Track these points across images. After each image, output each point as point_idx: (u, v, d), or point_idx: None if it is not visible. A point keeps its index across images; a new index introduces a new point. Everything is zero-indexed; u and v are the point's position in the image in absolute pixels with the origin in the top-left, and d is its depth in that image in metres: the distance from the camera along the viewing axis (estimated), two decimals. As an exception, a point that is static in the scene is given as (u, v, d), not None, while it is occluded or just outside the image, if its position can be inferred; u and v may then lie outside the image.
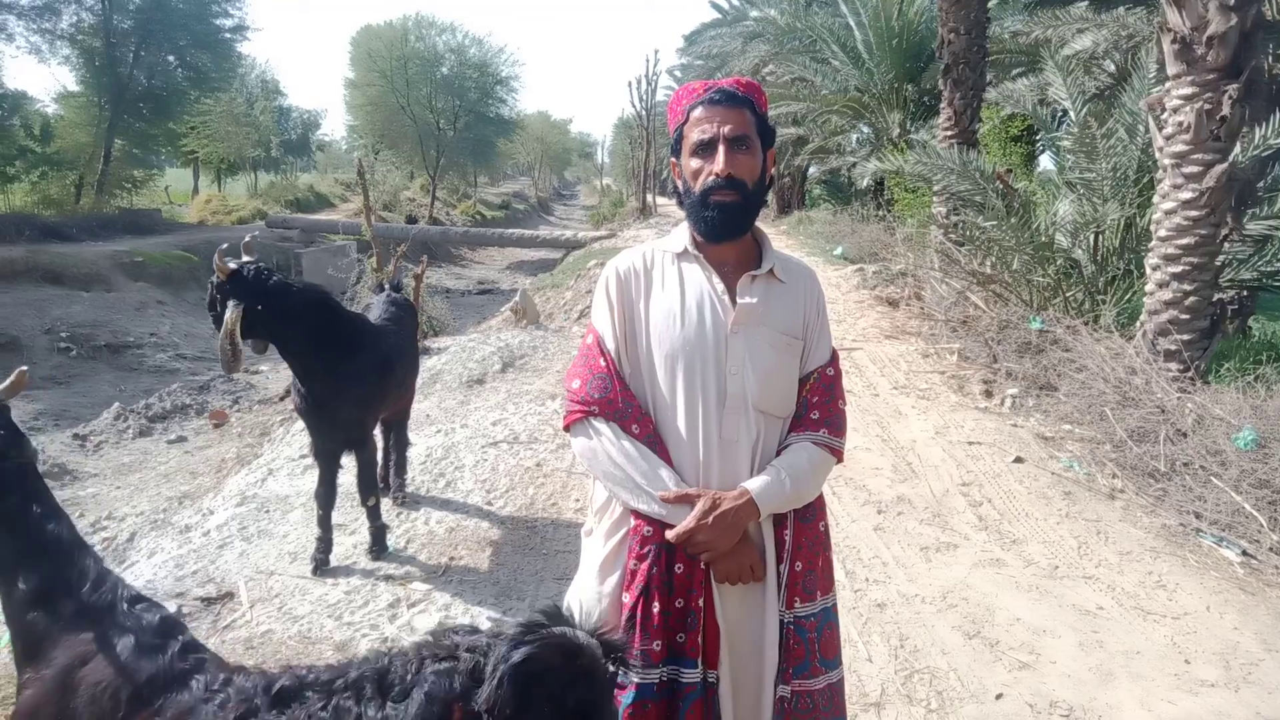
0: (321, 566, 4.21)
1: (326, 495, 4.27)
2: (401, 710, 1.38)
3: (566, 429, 1.86)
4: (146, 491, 7.24)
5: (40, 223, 18.72)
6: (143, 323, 15.13)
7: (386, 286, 5.28)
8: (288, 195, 30.22)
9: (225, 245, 3.89)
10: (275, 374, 10.96)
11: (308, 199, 31.08)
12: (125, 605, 1.79)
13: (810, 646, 1.80)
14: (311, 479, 5.53)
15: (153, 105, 23.84)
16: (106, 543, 5.62)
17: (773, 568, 1.78)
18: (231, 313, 3.67)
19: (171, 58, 24.24)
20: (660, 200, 33.80)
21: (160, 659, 1.71)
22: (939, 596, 3.87)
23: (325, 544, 4.28)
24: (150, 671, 1.70)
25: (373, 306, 4.92)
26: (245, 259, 3.87)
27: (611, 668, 1.35)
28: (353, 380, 4.12)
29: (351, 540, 4.53)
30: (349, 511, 4.92)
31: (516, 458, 5.75)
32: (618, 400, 1.79)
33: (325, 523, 4.27)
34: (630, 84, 30.50)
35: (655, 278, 1.86)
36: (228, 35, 25.22)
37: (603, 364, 1.82)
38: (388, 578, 4.12)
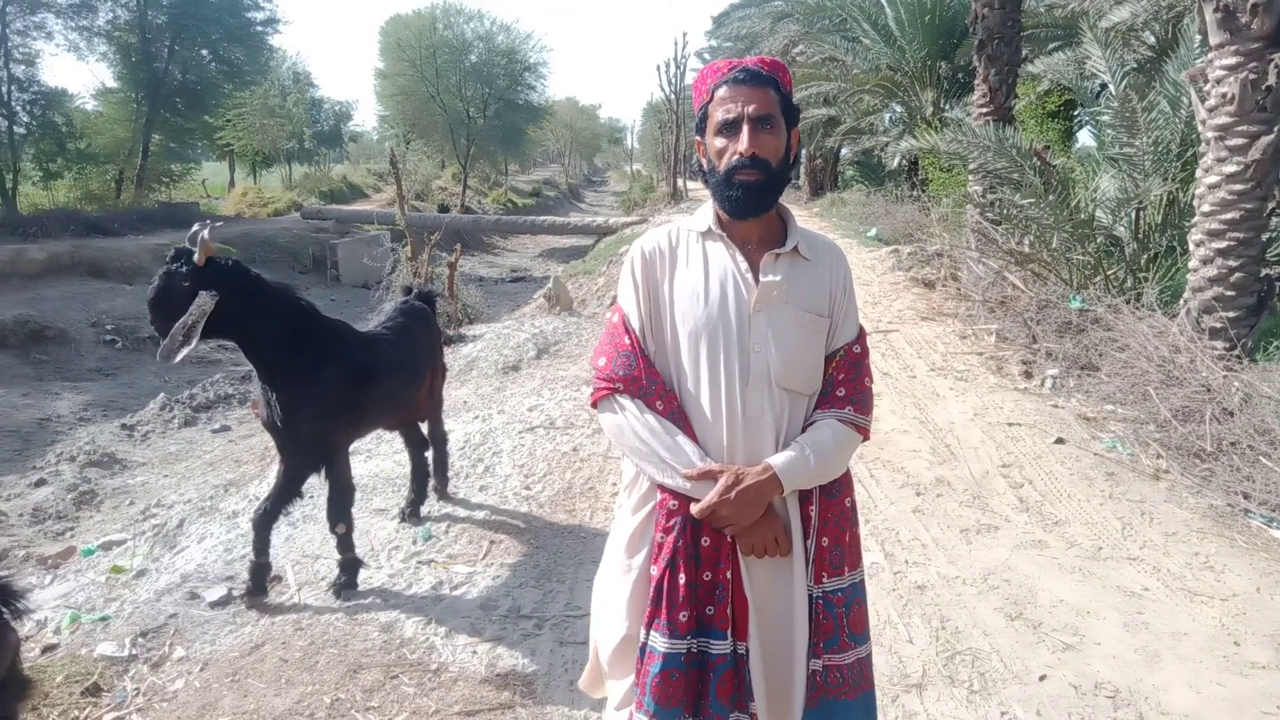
0: (255, 596, 3.80)
1: (267, 514, 3.85)
2: None
3: (594, 405, 1.90)
4: (193, 479, 7.40)
5: (83, 218, 19.10)
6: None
7: (413, 289, 4.97)
8: (321, 186, 30.55)
9: (205, 224, 3.57)
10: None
11: (341, 190, 31.39)
12: None
13: (839, 621, 1.83)
14: (355, 466, 5.63)
15: (188, 100, 24.17)
16: (157, 529, 5.75)
17: (799, 543, 1.80)
18: (205, 302, 3.40)
19: (205, 52, 24.55)
20: (691, 184, 33.68)
21: None
22: (980, 578, 3.85)
23: (260, 570, 3.85)
24: None
25: (382, 311, 4.71)
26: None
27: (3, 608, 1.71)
28: (317, 392, 3.74)
29: (394, 525, 4.60)
30: (390, 496, 5.00)
31: (553, 442, 5.79)
32: (642, 377, 1.81)
33: (263, 547, 3.86)
34: (659, 67, 30.37)
35: (680, 256, 1.87)
36: (259, 28, 25.49)
37: (627, 342, 1.85)
38: (430, 561, 4.19)
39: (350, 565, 3.97)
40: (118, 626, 3.71)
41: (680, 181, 30.98)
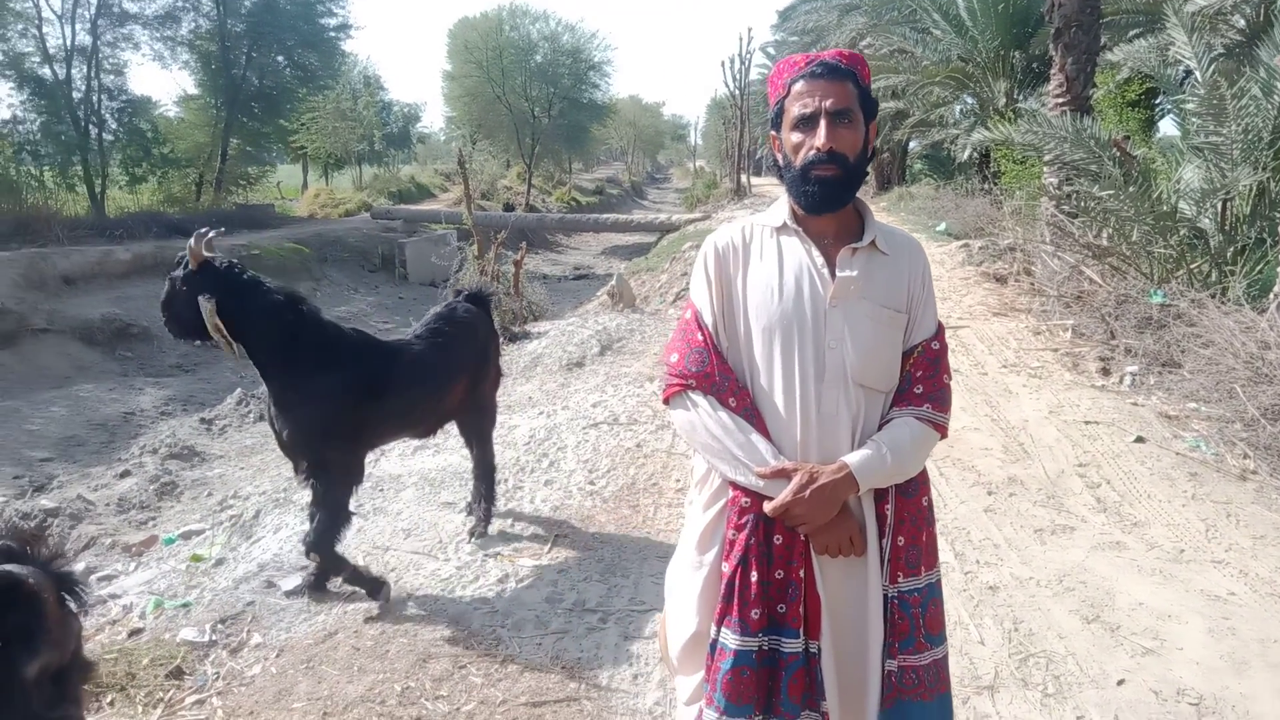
0: (315, 590, 3.84)
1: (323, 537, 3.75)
2: None
3: (666, 402, 1.89)
4: (268, 472, 7.62)
5: (165, 219, 19.81)
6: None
7: (463, 290, 4.72)
8: (390, 187, 31.15)
9: (206, 230, 3.60)
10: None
11: (409, 190, 31.97)
12: None
13: (915, 622, 1.79)
14: (422, 460, 5.75)
15: (264, 104, 24.91)
16: (234, 519, 5.93)
17: (874, 542, 1.77)
18: (207, 306, 3.48)
19: (280, 58, 25.25)
20: (755, 180, 33.45)
21: None
22: (1055, 579, 3.74)
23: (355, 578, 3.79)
24: None
25: (426, 316, 4.45)
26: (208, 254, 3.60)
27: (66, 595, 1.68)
28: (308, 403, 3.63)
29: (460, 518, 4.67)
30: (458, 490, 5.07)
31: (617, 438, 5.81)
32: (714, 374, 1.80)
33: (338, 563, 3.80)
34: (723, 63, 30.26)
35: (754, 252, 1.86)
36: (332, 34, 26.10)
37: (700, 338, 1.83)
38: (496, 554, 4.24)
39: (316, 582, 3.83)
40: (198, 613, 3.85)
41: (744, 178, 30.79)
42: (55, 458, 9.49)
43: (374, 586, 3.73)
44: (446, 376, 4.13)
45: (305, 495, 4.13)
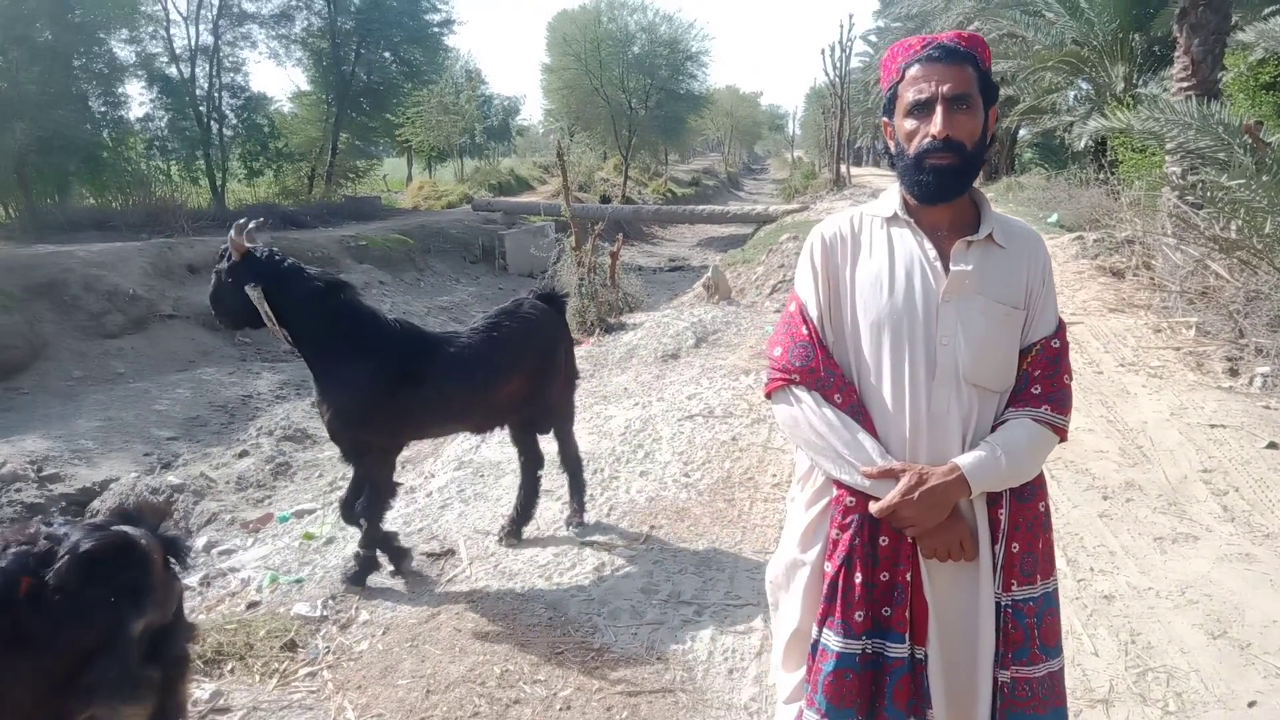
0: (354, 583, 3.93)
1: (351, 499, 3.99)
2: None
3: (768, 396, 1.86)
4: (374, 455, 7.90)
5: (280, 211, 20.71)
6: (366, 300, 16.43)
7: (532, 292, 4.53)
8: (491, 179, 31.77)
9: (245, 221, 3.72)
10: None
11: (509, 182, 32.54)
12: None
13: (1029, 632, 1.72)
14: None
15: (372, 99, 25.74)
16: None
17: (987, 548, 1.71)
18: (255, 293, 3.58)
19: (387, 54, 26.02)
20: (855, 170, 32.77)
21: None
22: (1176, 591, 3.55)
23: (367, 562, 3.96)
24: None
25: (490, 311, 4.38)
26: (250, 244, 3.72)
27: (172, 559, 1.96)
28: (345, 388, 3.72)
29: (558, 505, 4.74)
30: (555, 478, 5.14)
31: (712, 431, 5.79)
32: (819, 369, 1.76)
33: (370, 542, 3.97)
34: (823, 51, 29.70)
35: (863, 243, 1.80)
36: (436, 29, 26.76)
37: (804, 332, 1.79)
38: (592, 544, 4.28)
39: (364, 562, 3.93)
40: (310, 589, 4.02)
41: (843, 168, 30.19)
42: (180, 436, 10.07)
43: (399, 556, 3.99)
44: (494, 373, 3.99)
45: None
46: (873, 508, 1.69)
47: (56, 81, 17.88)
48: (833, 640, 1.71)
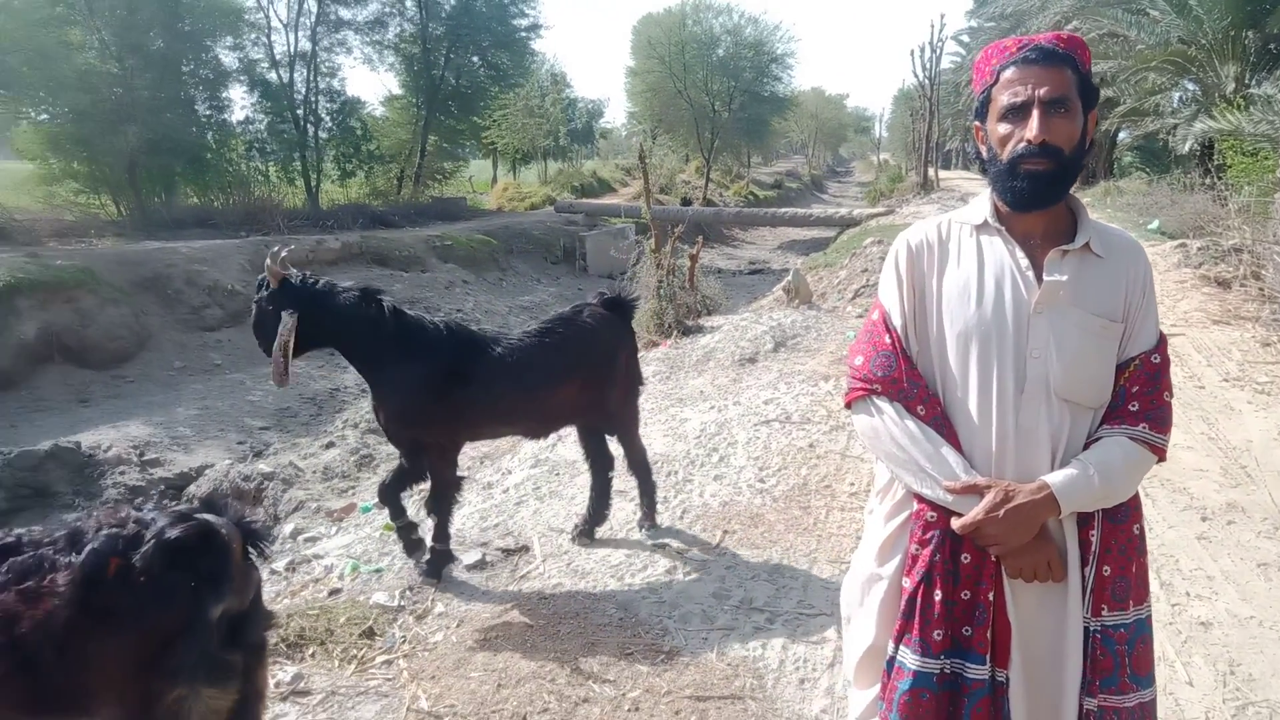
0: (414, 550, 4.11)
1: (392, 483, 4.11)
2: (76, 559, 1.95)
3: (848, 406, 1.82)
4: (454, 450, 8.06)
5: (370, 211, 21.39)
6: (450, 300, 16.84)
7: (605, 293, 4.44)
8: (573, 181, 32.12)
9: (278, 248, 3.84)
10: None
11: (591, 184, 32.84)
12: None
13: (1119, 659, 1.64)
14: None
15: (460, 103, 26.33)
16: (422, 493, 6.31)
17: (1076, 570, 1.64)
18: (287, 322, 3.65)
19: (476, 58, 26.60)
20: (943, 174, 32.02)
21: None
22: (1281, 621, 3.35)
23: (405, 529, 4.13)
24: None
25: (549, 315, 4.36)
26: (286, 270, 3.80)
27: (251, 549, 2.04)
28: (391, 390, 3.84)
29: (631, 506, 4.75)
30: (627, 479, 5.15)
31: (789, 437, 5.72)
32: (902, 379, 1.71)
33: (397, 513, 4.15)
34: (913, 52, 29.12)
35: (950, 251, 1.74)
36: (523, 34, 27.25)
37: (887, 341, 1.75)
38: (664, 546, 4.28)
39: (437, 555, 4.03)
40: (389, 579, 4.12)
41: (931, 171, 29.51)
42: (271, 427, 10.48)
43: (414, 547, 4.12)
44: (545, 377, 3.97)
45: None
46: (955, 524, 1.64)
47: (166, 87, 18.84)
48: (909, 658, 1.66)
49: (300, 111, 22.13)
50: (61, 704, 2.15)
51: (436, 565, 4.04)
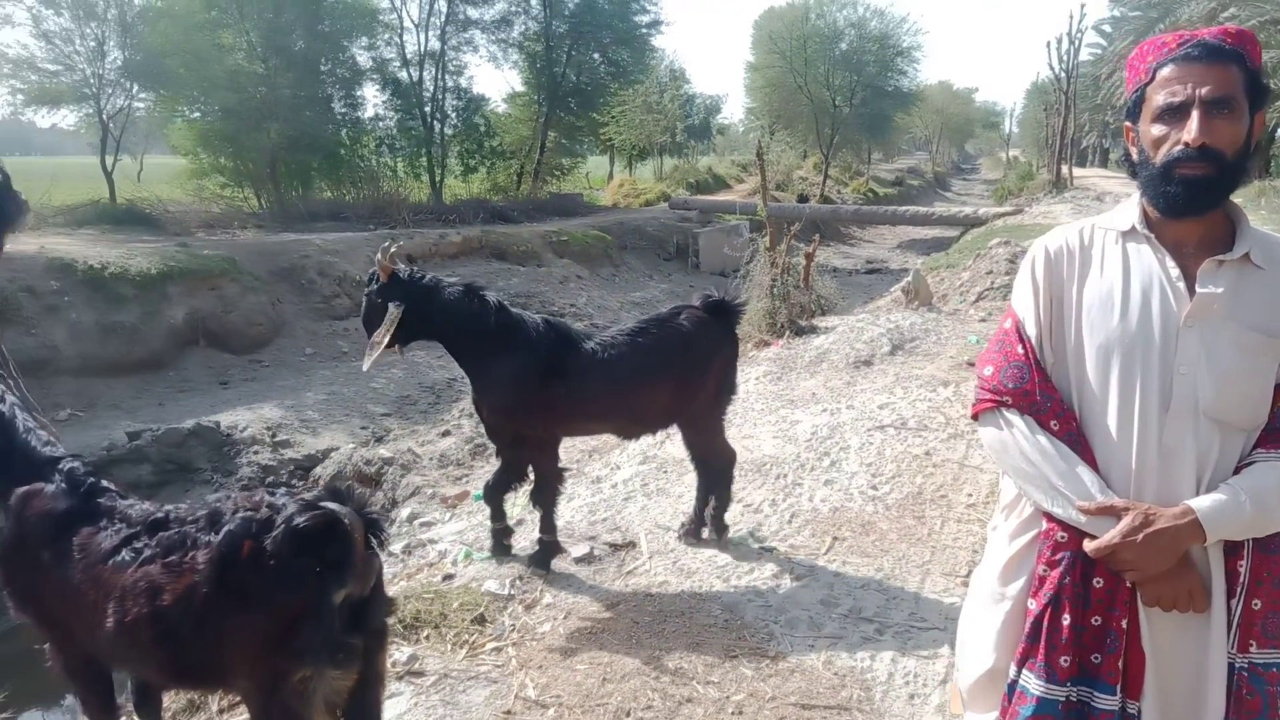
0: (500, 554, 4.27)
1: (495, 485, 4.26)
2: (214, 538, 2.11)
3: (974, 418, 1.75)
4: (562, 443, 8.20)
5: (490, 207, 21.97)
6: (565, 295, 17.13)
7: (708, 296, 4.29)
8: (689, 177, 32.11)
9: (388, 244, 3.99)
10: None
11: (706, 181, 32.75)
12: (49, 465, 2.50)
13: (1270, 701, 1.52)
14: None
15: (580, 99, 26.68)
16: (524, 491, 6.44)
17: (1220, 601, 1.53)
18: (392, 314, 3.78)
19: (596, 55, 26.89)
20: (1078, 171, 30.46)
21: (74, 498, 2.41)
22: None
23: (499, 533, 4.32)
24: (67, 506, 2.40)
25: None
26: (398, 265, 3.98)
27: (372, 538, 2.14)
28: (492, 385, 3.96)
29: (738, 509, 4.72)
30: (739, 480, 5.12)
31: (904, 444, 5.57)
32: (1035, 392, 1.63)
33: (497, 515, 4.33)
34: (1049, 44, 27.74)
35: (1093, 258, 1.65)
36: (644, 30, 27.36)
37: (1020, 351, 1.67)
38: (771, 549, 4.23)
39: (545, 546, 4.13)
40: (500, 567, 4.23)
41: (1065, 169, 28.13)
42: (392, 413, 10.91)
43: (501, 534, 4.29)
44: (635, 377, 3.96)
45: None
46: (1088, 546, 1.55)
47: (306, 86, 19.84)
48: (1033, 683, 1.59)
49: (428, 109, 22.91)
50: (200, 674, 2.30)
51: (545, 556, 4.13)
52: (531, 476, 4.26)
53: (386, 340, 3.83)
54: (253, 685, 2.21)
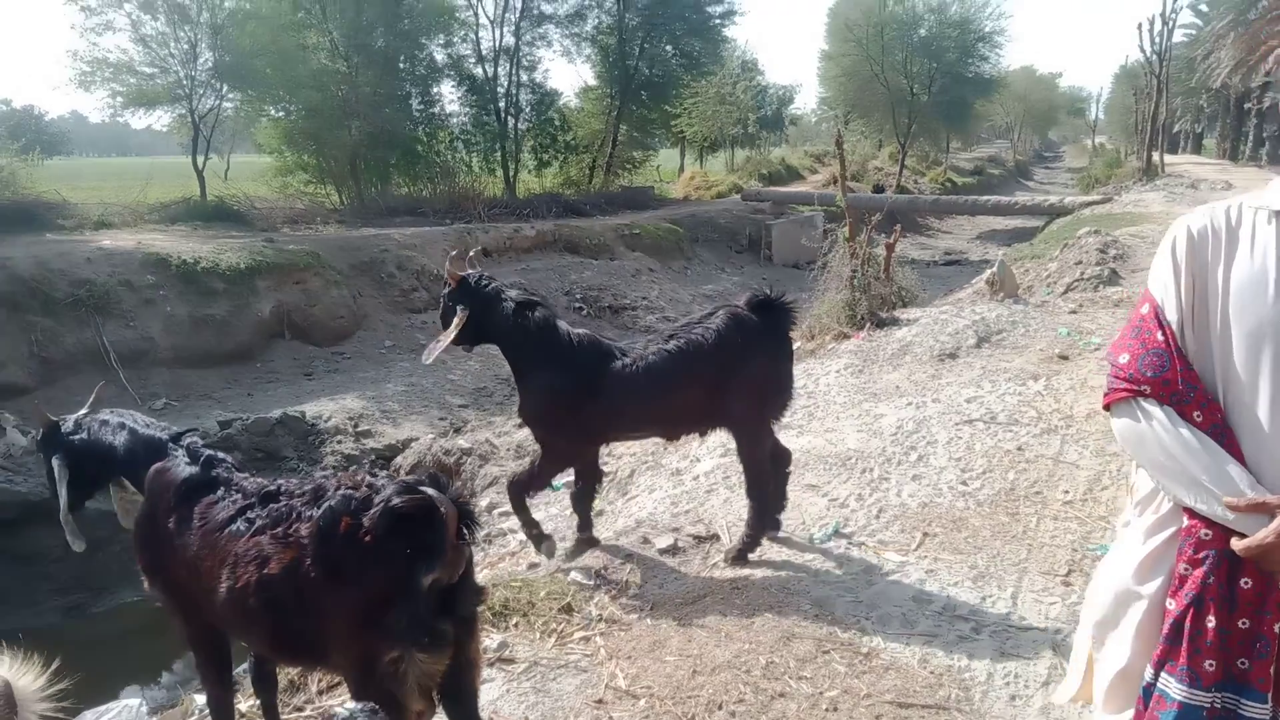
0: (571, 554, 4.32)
1: (578, 494, 4.40)
2: (317, 512, 2.18)
3: (1106, 408, 1.65)
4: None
5: (563, 200, 22.11)
6: (636, 287, 17.14)
7: (746, 303, 4.11)
8: (761, 169, 31.79)
9: (456, 252, 4.16)
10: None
11: (778, 172, 32.40)
12: (171, 441, 2.70)
13: None
14: (786, 440, 5.79)
15: (652, 92, 26.63)
16: (609, 476, 6.44)
17: None
18: (460, 316, 3.94)
19: (669, 47, 26.78)
20: (1169, 159, 29.20)
21: (194, 468, 2.57)
22: None
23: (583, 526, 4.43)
24: (188, 475, 2.55)
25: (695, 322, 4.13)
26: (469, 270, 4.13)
27: (464, 528, 2.16)
28: (531, 395, 4.11)
29: (824, 502, 4.64)
30: (821, 473, 5.05)
31: (994, 438, 5.40)
32: (1176, 381, 1.53)
33: (584, 524, 4.44)
34: (1140, 25, 26.63)
35: (1240, 238, 1.53)
36: (717, 21, 27.12)
37: (1160, 338, 1.56)
38: (861, 544, 4.15)
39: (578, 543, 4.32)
40: (586, 558, 4.23)
41: (1156, 155, 26.99)
42: (469, 405, 11.07)
43: (539, 540, 4.28)
44: (666, 387, 3.90)
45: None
46: (1236, 545, 1.45)
47: (385, 83, 20.26)
48: (1175, 689, 1.49)
49: (502, 104, 23.17)
50: (300, 646, 2.36)
51: (577, 550, 4.32)
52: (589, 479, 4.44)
53: (449, 341, 4.03)
54: (347, 663, 2.26)
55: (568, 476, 4.76)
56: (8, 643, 2.19)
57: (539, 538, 4.28)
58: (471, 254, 4.21)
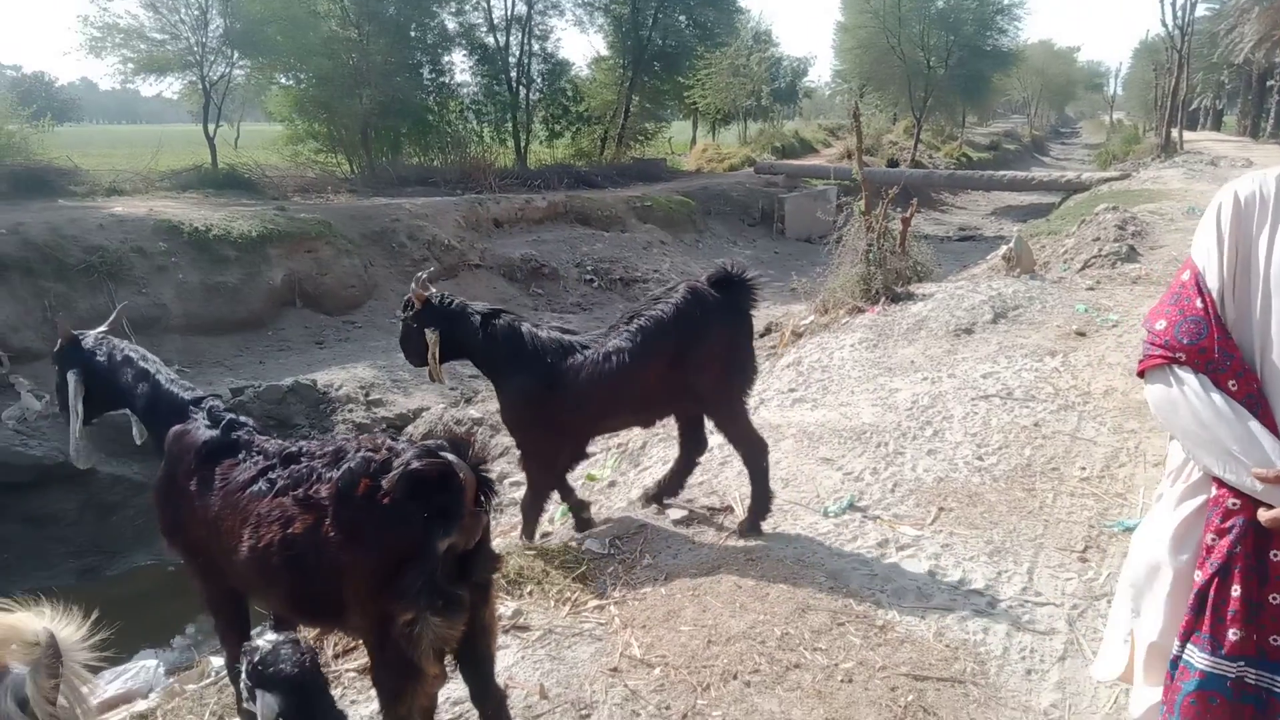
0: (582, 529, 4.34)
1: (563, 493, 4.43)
2: (336, 474, 2.20)
3: (1140, 375, 1.62)
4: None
5: (574, 172, 21.95)
6: (648, 260, 17.06)
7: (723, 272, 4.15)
8: (774, 142, 31.48)
9: (421, 274, 4.25)
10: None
11: (792, 145, 32.06)
12: (192, 405, 2.73)
13: None
14: (801, 413, 5.78)
15: (664, 63, 26.33)
16: (622, 447, 6.44)
17: None
18: (431, 337, 4.03)
19: (683, 17, 26.47)
20: (1188, 135, 28.80)
21: (214, 431, 2.59)
22: None
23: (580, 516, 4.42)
24: (208, 437, 2.58)
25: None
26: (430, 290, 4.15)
27: (482, 495, 2.16)
28: (505, 402, 4.20)
29: (839, 475, 4.62)
30: (836, 447, 5.03)
31: (1010, 414, 5.36)
32: (1213, 349, 1.50)
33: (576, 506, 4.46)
34: (1162, -1, 26.14)
35: None
36: (730, -10, 26.84)
37: (1199, 305, 1.53)
38: (875, 518, 4.13)
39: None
40: (599, 528, 4.23)
41: (1175, 131, 26.62)
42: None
43: (583, 521, 4.34)
44: (629, 366, 3.86)
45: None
46: (1263, 516, 1.42)
47: (397, 52, 20.07)
48: (1197, 658, 1.48)
49: (513, 74, 22.94)
50: (319, 606, 2.37)
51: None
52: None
53: (438, 363, 4.13)
54: (365, 624, 2.27)
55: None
56: (28, 602, 2.20)
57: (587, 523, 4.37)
58: (424, 276, 4.22)
